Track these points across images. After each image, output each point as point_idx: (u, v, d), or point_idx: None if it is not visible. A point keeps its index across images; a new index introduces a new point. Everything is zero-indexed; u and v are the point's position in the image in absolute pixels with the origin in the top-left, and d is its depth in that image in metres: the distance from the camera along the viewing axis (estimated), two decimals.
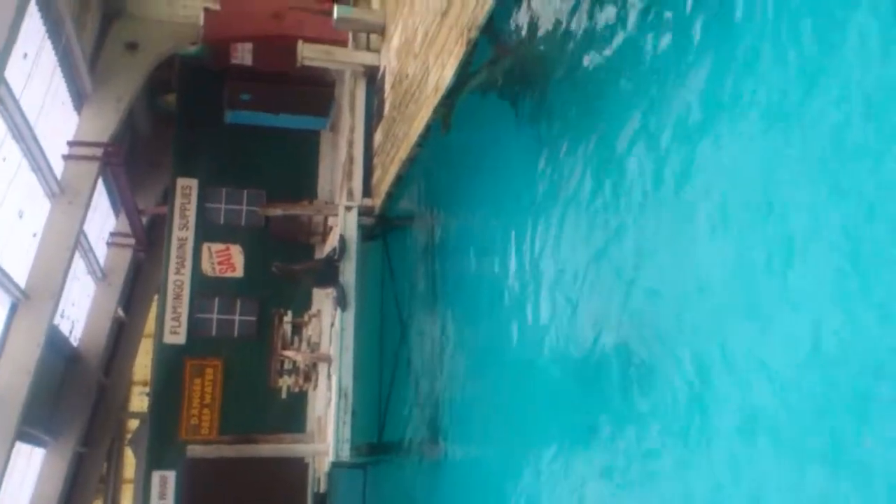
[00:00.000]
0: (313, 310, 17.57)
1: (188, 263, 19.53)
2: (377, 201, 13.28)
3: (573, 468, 5.84)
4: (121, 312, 24.00)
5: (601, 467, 5.38)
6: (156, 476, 18.46)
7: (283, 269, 12.68)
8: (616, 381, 5.23)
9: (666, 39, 4.99)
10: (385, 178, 12.68)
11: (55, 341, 17.87)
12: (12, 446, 14.99)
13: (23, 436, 16.16)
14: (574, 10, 6.41)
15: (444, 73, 9.39)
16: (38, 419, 17.55)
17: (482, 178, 8.85)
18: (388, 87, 12.99)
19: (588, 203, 5.85)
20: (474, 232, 9.14)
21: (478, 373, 8.60)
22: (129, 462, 28.84)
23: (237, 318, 19.43)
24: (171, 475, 18.38)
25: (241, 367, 19.04)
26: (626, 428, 5.06)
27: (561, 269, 6.26)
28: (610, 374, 5.32)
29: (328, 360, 13.78)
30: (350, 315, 12.65)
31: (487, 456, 8.13)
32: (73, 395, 20.44)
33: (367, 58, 14.13)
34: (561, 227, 6.31)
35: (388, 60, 13.14)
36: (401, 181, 12.24)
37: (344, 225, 13.12)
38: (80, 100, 17.34)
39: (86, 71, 16.80)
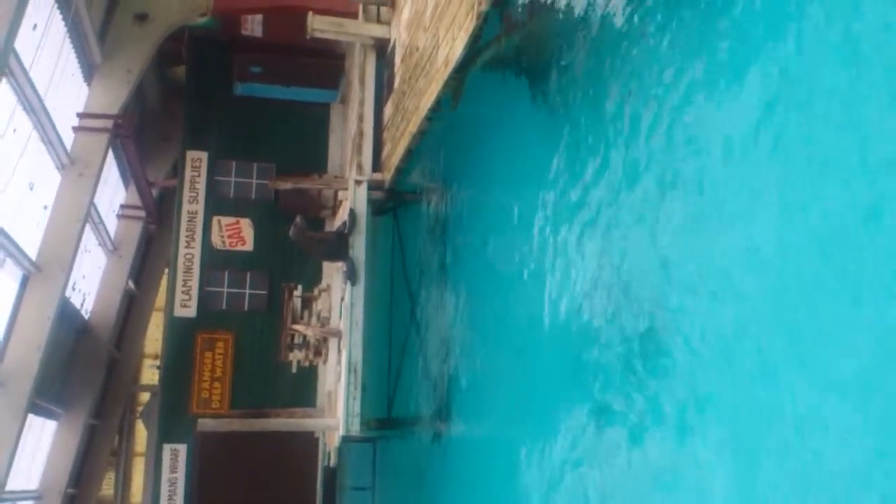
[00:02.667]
0: (323, 284, 17.56)
1: (198, 237, 19.53)
2: (387, 175, 13.19)
3: (580, 445, 5.79)
4: (131, 285, 24.05)
5: (608, 444, 5.33)
6: (167, 449, 18.57)
7: (300, 231, 12.54)
8: (625, 358, 5.16)
9: (683, 10, 4.87)
10: (395, 152, 12.58)
11: (67, 314, 17.91)
12: (24, 419, 15.07)
13: (35, 408, 16.25)
14: None
15: (454, 46, 9.26)
16: (49, 392, 17.64)
17: (494, 153, 8.77)
18: (398, 60, 12.87)
19: (601, 179, 5.75)
20: (485, 207, 9.07)
21: (486, 348, 8.57)
22: (141, 435, 29.03)
23: (247, 291, 19.44)
24: (182, 448, 18.49)
25: (252, 341, 19.09)
26: (633, 405, 5.00)
27: (572, 246, 6.19)
28: (619, 352, 5.26)
29: (338, 334, 13.77)
30: (360, 290, 12.62)
31: (495, 431, 8.11)
32: (85, 368, 20.52)
33: (378, 30, 13.99)
34: (573, 204, 6.22)
35: (399, 33, 13.00)
36: (411, 155, 12.15)
37: (354, 199, 13.05)
38: (89, 71, 17.25)
39: (95, 42, 16.69)
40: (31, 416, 16.16)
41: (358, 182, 13.17)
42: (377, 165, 13.68)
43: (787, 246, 3.73)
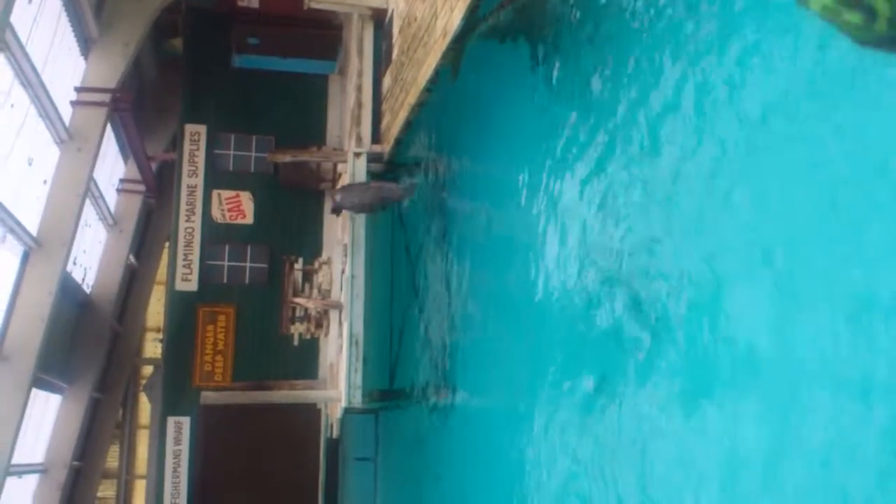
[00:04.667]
0: (324, 257, 17.58)
1: (198, 210, 19.51)
2: (386, 147, 13.16)
3: (579, 413, 5.83)
4: (132, 259, 24.07)
5: (608, 412, 5.36)
6: (171, 422, 18.69)
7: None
8: (625, 330, 5.19)
9: None
10: (394, 124, 12.54)
11: (68, 289, 17.95)
12: (29, 393, 15.15)
13: (38, 383, 16.33)
14: None
15: (452, 16, 9.20)
16: (53, 366, 17.72)
17: (494, 125, 8.73)
18: (396, 30, 12.79)
19: (600, 152, 5.74)
20: (485, 178, 9.05)
21: (487, 320, 8.59)
22: (145, 408, 29.21)
23: (248, 264, 19.46)
24: (185, 421, 18.61)
25: (254, 314, 19.14)
26: (631, 372, 5.03)
27: (572, 219, 6.19)
28: (619, 323, 5.28)
29: (339, 307, 13.81)
30: (361, 261, 12.63)
31: (496, 401, 8.15)
32: (88, 342, 20.60)
33: (375, 0, 13.90)
34: (573, 176, 6.21)
35: (396, 3, 12.91)
36: (410, 127, 12.11)
37: (353, 171, 13.03)
38: (86, 45, 17.16)
39: (91, 16, 16.58)
40: (35, 391, 16.25)
41: (357, 154, 13.14)
42: (376, 137, 13.64)
43: (780, 217, 3.73)
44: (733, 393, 4.06)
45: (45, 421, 19.74)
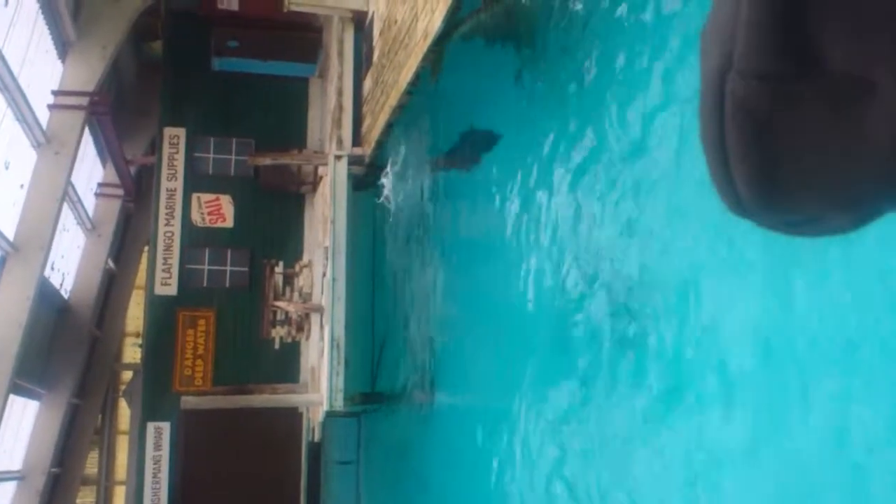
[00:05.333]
0: (304, 260, 17.51)
1: (178, 214, 19.38)
2: (367, 149, 13.13)
3: (558, 414, 5.83)
4: (111, 264, 23.88)
5: (586, 414, 5.37)
6: (151, 427, 18.54)
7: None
8: (604, 331, 5.19)
9: None
10: (375, 126, 12.52)
11: (46, 294, 17.78)
12: (6, 400, 14.99)
13: (16, 389, 16.15)
14: None
15: (432, 19, 9.19)
16: (31, 372, 17.55)
17: (476, 124, 8.73)
18: (376, 33, 12.76)
19: (579, 153, 5.75)
20: (466, 179, 9.04)
21: (467, 322, 8.58)
22: (124, 413, 28.93)
23: (228, 268, 19.35)
24: (166, 426, 18.47)
25: (234, 318, 19.03)
26: (610, 375, 5.03)
27: (552, 220, 6.19)
28: (598, 319, 5.28)
29: (320, 310, 13.76)
30: (342, 264, 12.59)
31: (477, 402, 8.14)
32: (66, 348, 20.42)
33: (355, 3, 13.86)
34: (552, 177, 6.22)
35: (377, 6, 12.89)
36: (391, 129, 12.09)
37: (334, 174, 12.99)
38: (64, 48, 17.02)
39: (69, 18, 16.45)
40: (12, 397, 16.08)
41: (338, 157, 13.10)
42: (357, 139, 13.60)
43: None
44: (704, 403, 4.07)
45: (23, 427, 19.54)
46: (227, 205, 19.61)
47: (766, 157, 0.58)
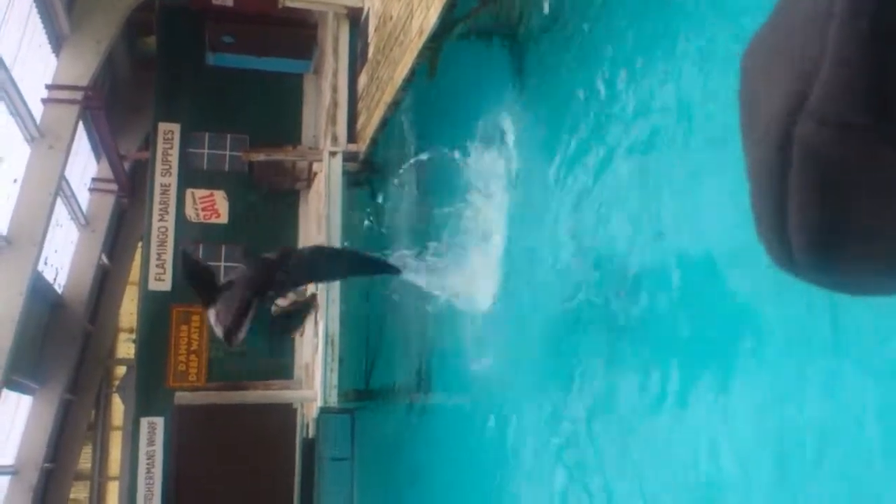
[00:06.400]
0: None
1: (172, 209, 19.34)
2: (362, 146, 13.11)
3: (556, 413, 5.83)
4: (105, 259, 23.84)
5: (584, 412, 5.37)
6: (144, 423, 18.50)
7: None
8: (601, 327, 5.19)
9: None
10: (370, 123, 12.50)
11: (39, 289, 17.75)
12: None
13: (9, 384, 16.13)
14: None
15: (428, 15, 9.18)
16: (24, 367, 17.51)
17: (471, 124, 8.72)
18: (371, 29, 12.75)
19: (576, 152, 5.75)
20: (462, 178, 9.03)
21: (462, 319, 8.58)
22: (118, 409, 28.91)
23: (223, 264, 19.31)
24: (159, 421, 18.44)
25: None
26: (608, 373, 5.04)
27: (549, 217, 6.19)
28: (595, 319, 5.28)
29: (315, 306, 13.73)
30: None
31: (472, 400, 8.15)
32: (59, 343, 20.38)
33: None
34: (549, 175, 6.22)
35: (372, 2, 12.87)
36: (386, 126, 12.08)
37: (328, 170, 12.98)
38: (58, 42, 16.97)
39: (63, 12, 16.41)
40: (5, 392, 16.06)
41: (332, 153, 13.09)
42: (352, 136, 13.58)
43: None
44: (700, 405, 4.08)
45: (16, 422, 19.50)
46: (221, 200, 19.57)
47: (833, 209, 0.53)
